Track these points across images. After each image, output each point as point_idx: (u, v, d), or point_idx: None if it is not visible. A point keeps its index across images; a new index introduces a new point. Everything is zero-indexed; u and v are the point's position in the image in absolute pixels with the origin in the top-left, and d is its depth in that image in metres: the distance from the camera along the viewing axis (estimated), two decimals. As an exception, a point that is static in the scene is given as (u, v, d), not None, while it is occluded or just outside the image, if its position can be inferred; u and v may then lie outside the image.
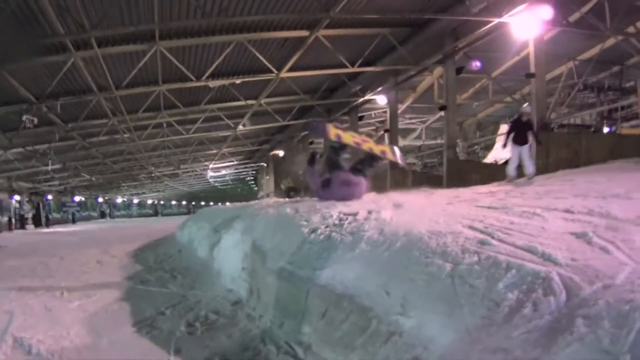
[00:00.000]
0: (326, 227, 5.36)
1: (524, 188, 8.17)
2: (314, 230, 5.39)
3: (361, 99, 21.79)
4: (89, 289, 8.26)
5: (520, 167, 11.12)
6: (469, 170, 16.23)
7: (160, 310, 6.30)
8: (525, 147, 11.12)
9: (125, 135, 24.75)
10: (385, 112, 24.46)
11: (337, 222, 5.45)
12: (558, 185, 7.57)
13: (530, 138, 11.24)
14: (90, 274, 10.33)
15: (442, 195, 7.48)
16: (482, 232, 4.09)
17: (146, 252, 13.49)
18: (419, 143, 31.23)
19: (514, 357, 2.46)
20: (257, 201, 10.91)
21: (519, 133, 11.25)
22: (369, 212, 5.46)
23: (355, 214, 5.54)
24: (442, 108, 17.61)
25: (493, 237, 3.86)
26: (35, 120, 17.48)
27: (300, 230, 5.55)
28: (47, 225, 41.14)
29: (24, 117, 17.25)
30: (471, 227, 4.30)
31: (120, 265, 11.23)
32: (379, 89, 20.37)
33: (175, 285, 8.06)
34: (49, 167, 29.00)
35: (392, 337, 3.34)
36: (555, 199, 5.77)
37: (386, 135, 22.76)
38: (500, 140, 21.89)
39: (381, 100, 21.01)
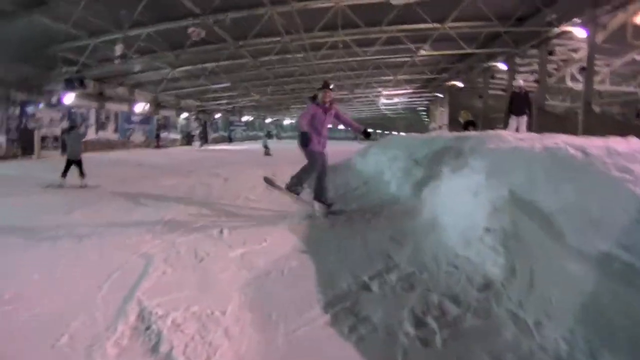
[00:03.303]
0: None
1: None
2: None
3: (556, 31, 18.79)
4: (257, 227, 6.62)
5: None
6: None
7: (361, 281, 4.23)
8: (523, 118, 12.37)
9: (298, 55, 24.28)
10: (571, 50, 22.87)
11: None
12: None
13: (527, 110, 12.48)
14: (258, 203, 8.92)
15: None
16: None
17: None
18: (601, 88, 27.05)
19: None
20: (475, 132, 9.06)
21: (517, 105, 12.50)
22: None
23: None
24: None
25: None
26: (203, 33, 17.26)
27: (627, 189, 3.15)
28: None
29: (190, 29, 17.10)
30: None
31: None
32: (576, 20, 17.51)
33: (371, 234, 5.84)
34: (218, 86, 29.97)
35: None
36: None
37: (582, 74, 20.06)
38: None
39: (579, 33, 17.88)
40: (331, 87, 7.92)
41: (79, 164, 11.95)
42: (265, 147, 28.62)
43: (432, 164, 7.19)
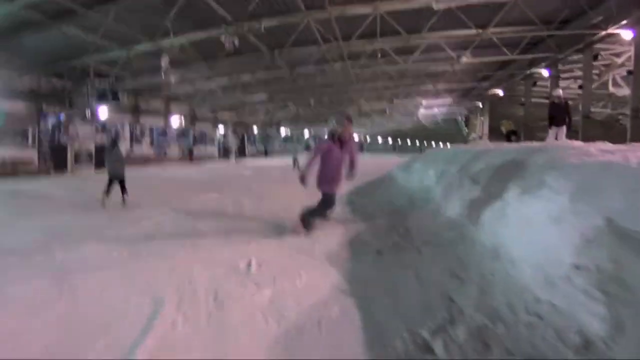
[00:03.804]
0: None
1: None
2: None
3: (602, 33, 17.71)
4: (290, 258, 5.74)
5: None
6: None
7: (420, 338, 3.33)
8: (562, 128, 12.52)
9: (336, 65, 23.86)
10: (614, 54, 22.58)
11: None
12: None
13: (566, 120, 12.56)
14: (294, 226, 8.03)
15: None
16: None
17: (362, 197, 11.04)
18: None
19: None
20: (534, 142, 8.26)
21: (556, 115, 12.65)
22: None
23: None
24: None
25: None
26: (236, 41, 16.74)
27: None
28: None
29: (223, 37, 16.62)
30: None
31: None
32: (623, 22, 16.55)
33: (425, 267, 4.93)
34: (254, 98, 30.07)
35: None
36: None
37: (627, 78, 19.63)
38: None
39: (626, 35, 16.89)
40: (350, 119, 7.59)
41: (121, 181, 11.54)
42: (295, 160, 26.29)
43: (492, 181, 6.21)
